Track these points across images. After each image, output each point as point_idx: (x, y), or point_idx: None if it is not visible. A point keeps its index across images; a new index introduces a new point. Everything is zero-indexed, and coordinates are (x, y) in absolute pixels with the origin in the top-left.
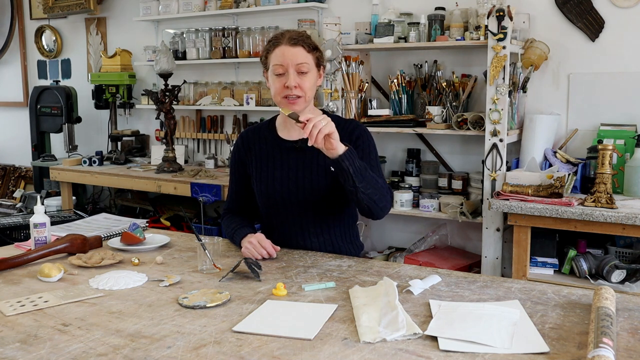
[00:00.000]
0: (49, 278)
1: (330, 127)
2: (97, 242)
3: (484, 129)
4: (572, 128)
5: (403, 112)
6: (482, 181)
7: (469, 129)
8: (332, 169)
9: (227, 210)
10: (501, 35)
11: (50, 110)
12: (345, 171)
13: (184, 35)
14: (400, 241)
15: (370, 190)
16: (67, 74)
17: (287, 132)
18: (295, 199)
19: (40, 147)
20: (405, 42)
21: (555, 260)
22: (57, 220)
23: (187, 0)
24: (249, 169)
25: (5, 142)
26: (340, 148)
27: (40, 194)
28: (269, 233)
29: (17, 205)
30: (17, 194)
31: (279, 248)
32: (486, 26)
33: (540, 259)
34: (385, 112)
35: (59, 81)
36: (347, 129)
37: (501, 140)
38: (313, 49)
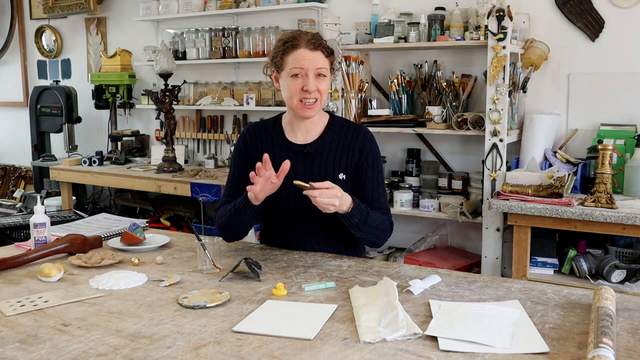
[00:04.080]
0: (49, 278)
1: (333, 202)
2: (97, 242)
3: (484, 129)
4: (572, 128)
5: (403, 112)
6: (482, 181)
7: (469, 129)
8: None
9: (224, 202)
10: (501, 35)
11: (50, 110)
12: (353, 224)
13: (184, 35)
14: (400, 241)
15: (371, 233)
16: (67, 74)
17: (294, 134)
18: (301, 204)
19: (40, 147)
20: (405, 42)
21: (555, 260)
22: (57, 220)
23: (187, 0)
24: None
25: (5, 142)
26: (346, 203)
27: (40, 194)
28: (269, 234)
29: (17, 205)
30: (17, 194)
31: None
32: (486, 26)
33: (540, 259)
34: (385, 112)
35: (59, 81)
36: (357, 139)
37: (501, 140)
38: (330, 53)
